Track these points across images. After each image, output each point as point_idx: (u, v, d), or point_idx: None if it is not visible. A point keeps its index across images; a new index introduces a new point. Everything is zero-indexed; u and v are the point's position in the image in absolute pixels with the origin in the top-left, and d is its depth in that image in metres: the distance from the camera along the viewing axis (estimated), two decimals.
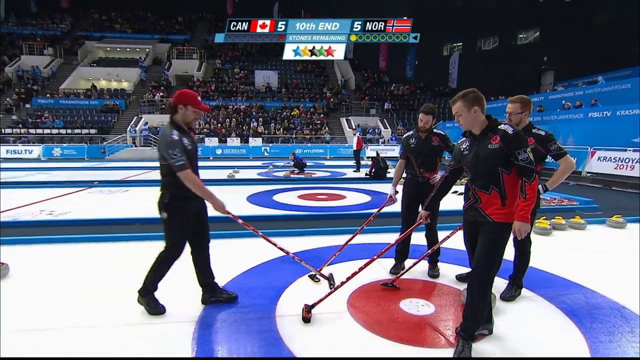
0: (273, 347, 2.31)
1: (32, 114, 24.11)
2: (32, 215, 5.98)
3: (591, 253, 4.33)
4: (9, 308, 2.80)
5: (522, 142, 2.13)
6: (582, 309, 2.84)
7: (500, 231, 2.18)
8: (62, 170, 13.44)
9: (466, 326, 2.21)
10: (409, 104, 29.08)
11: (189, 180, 2.52)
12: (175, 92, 2.71)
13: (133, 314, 2.71)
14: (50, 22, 35.62)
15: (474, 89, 2.30)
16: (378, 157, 11.20)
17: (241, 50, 35.17)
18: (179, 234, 2.70)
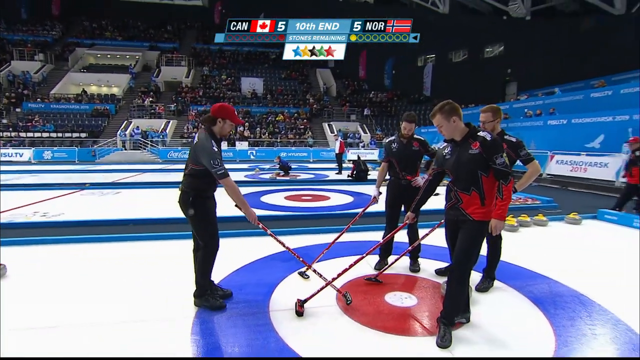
0: (269, 340, 2.32)
1: (23, 118, 23.19)
2: (26, 217, 5.77)
3: (553, 247, 4.51)
4: (8, 307, 2.71)
5: (499, 148, 2.22)
6: (547, 297, 2.96)
7: (479, 228, 2.27)
8: (53, 173, 13.00)
9: (447, 313, 2.29)
10: (387, 110, 29.43)
11: (230, 187, 2.61)
12: (215, 105, 2.72)
13: (130, 312, 2.67)
14: (41, 28, 34.32)
15: (449, 100, 2.36)
16: (359, 160, 11.28)
17: (228, 58, 34.84)
18: (210, 226, 2.73)
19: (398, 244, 3.76)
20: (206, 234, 2.72)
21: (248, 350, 2.21)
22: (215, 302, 2.73)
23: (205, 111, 26.17)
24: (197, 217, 2.67)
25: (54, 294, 2.96)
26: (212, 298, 2.75)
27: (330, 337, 2.37)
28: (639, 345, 2.29)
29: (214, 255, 2.76)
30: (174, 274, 3.39)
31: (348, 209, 6.78)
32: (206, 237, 2.71)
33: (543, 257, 4.01)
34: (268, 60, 35.57)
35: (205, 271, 2.76)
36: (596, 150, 10.97)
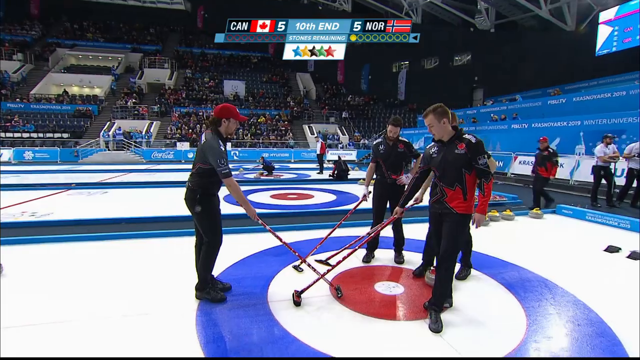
0: (272, 328, 2.38)
1: (1, 118, 21.94)
2: (14, 217, 5.54)
3: (520, 239, 4.79)
4: (10, 305, 2.64)
5: (482, 149, 2.38)
6: (517, 282, 3.17)
7: (462, 220, 2.42)
8: (36, 173, 12.42)
9: (437, 299, 2.43)
10: (364, 113, 29.77)
11: (232, 186, 2.61)
12: (217, 106, 2.73)
13: (131, 307, 2.65)
14: (19, 28, 32.52)
15: (441, 104, 2.50)
16: (340, 160, 11.42)
17: (210, 61, 34.25)
18: (215, 222, 2.75)
19: (383, 238, 3.89)
20: (210, 231, 2.74)
21: (252, 338, 2.26)
22: (217, 294, 2.75)
23: (187, 113, 25.67)
24: (203, 214, 2.69)
25: (54, 291, 2.90)
26: (213, 291, 2.77)
27: (328, 324, 2.46)
28: (595, 320, 2.51)
29: (217, 250, 2.78)
30: (170, 270, 3.39)
31: (332, 206, 6.88)
32: (210, 234, 2.73)
33: (512, 248, 4.25)
34: (250, 63, 35.24)
35: (208, 265, 2.78)
36: None
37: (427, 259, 3.29)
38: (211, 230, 2.74)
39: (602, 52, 17.02)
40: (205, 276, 2.77)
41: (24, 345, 2.16)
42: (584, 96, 13.25)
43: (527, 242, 4.65)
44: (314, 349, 2.15)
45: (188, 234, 4.41)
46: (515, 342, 2.24)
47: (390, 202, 3.59)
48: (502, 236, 4.88)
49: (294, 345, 2.19)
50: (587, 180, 8.95)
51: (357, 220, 4.87)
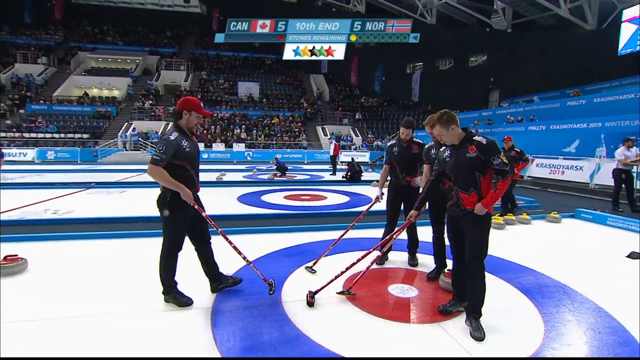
0: (285, 328, 2.39)
1: (26, 119, 22.74)
2: (37, 214, 5.74)
3: (537, 243, 4.67)
4: (32, 299, 2.74)
5: (495, 149, 2.31)
6: (534, 287, 3.10)
7: (483, 219, 2.36)
8: (58, 172, 12.82)
9: (474, 306, 2.36)
10: (378, 114, 29.64)
11: (155, 174, 2.45)
12: (180, 99, 2.66)
13: (149, 303, 2.71)
14: (44, 33, 33.72)
15: (446, 110, 2.46)
16: (353, 162, 11.40)
17: (225, 63, 34.68)
18: (178, 230, 2.66)
19: (397, 240, 3.84)
20: (173, 237, 2.65)
21: (267, 338, 2.28)
22: (182, 299, 2.68)
23: None
24: (170, 219, 2.59)
25: (73, 287, 2.99)
26: (179, 295, 2.69)
27: (341, 325, 2.46)
28: (617, 329, 2.43)
29: (175, 257, 2.68)
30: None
31: (345, 207, 6.88)
32: (171, 239, 2.64)
33: (528, 252, 4.16)
34: (264, 65, 35.54)
35: (169, 270, 2.67)
36: (572, 154, 11.29)
37: (440, 262, 3.26)
38: (173, 237, 2.65)
39: (625, 51, 16.51)
40: (168, 282, 2.68)
41: (42, 339, 2.23)
42: (605, 97, 12.87)
43: (545, 246, 4.54)
44: (327, 349, 2.16)
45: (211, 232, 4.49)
46: (532, 348, 2.19)
47: (404, 204, 3.57)
48: (519, 240, 4.78)
49: (307, 345, 2.20)
50: (608, 184, 8.68)
51: (370, 222, 4.86)
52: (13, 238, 4.20)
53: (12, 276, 3.16)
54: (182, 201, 2.56)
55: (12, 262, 3.27)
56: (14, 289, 2.91)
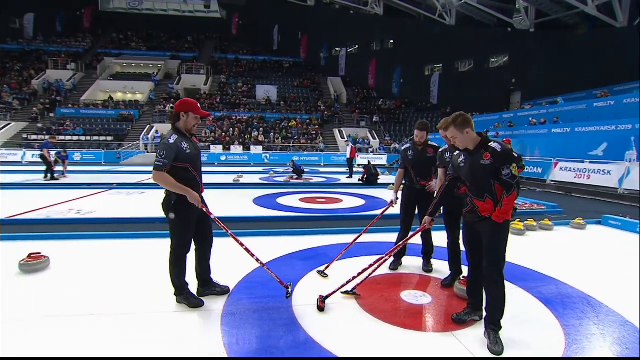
0: (294, 332, 2.37)
1: (56, 122, 23.80)
2: (62, 214, 5.95)
3: (559, 250, 4.48)
4: (54, 296, 2.83)
5: (508, 158, 2.18)
6: (555, 298, 2.96)
7: (500, 226, 2.24)
8: (83, 174, 13.29)
9: (492, 317, 2.26)
10: (395, 117, 29.36)
11: (160, 180, 2.46)
12: (178, 100, 2.65)
13: (163, 304, 2.74)
14: (73, 40, 35.33)
15: (461, 112, 2.36)
16: (369, 165, 11.30)
17: (244, 66, 35.21)
18: (185, 232, 2.66)
19: (412, 245, 3.78)
20: (180, 239, 2.66)
21: (275, 342, 2.26)
22: (194, 300, 2.71)
23: (221, 117, 26.52)
24: (176, 221, 2.60)
25: (93, 285, 3.06)
26: (191, 296, 2.72)
27: (351, 331, 2.42)
28: None
29: (181, 258, 2.70)
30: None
31: (360, 211, 6.81)
32: (178, 241, 2.66)
33: (550, 260, 3.99)
34: (282, 68, 35.87)
35: (178, 272, 2.70)
36: (599, 157, 10.81)
37: (455, 269, 3.16)
38: (179, 239, 2.66)
39: None
40: (179, 283, 2.71)
41: (56, 335, 2.29)
42: (636, 97, 12.26)
43: (568, 254, 4.35)
44: (336, 355, 2.12)
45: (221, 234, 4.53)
46: None
47: (419, 208, 3.49)
48: (539, 247, 4.59)
49: (315, 350, 2.17)
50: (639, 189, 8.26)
51: (385, 226, 4.78)
52: (39, 236, 4.38)
53: (34, 273, 3.28)
54: (187, 203, 2.56)
55: (35, 259, 3.39)
56: (34, 286, 3.02)
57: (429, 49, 28.59)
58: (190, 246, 2.72)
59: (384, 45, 33.23)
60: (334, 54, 35.52)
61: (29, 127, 23.30)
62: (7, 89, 26.56)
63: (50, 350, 2.13)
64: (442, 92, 27.88)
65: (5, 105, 24.65)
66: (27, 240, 4.23)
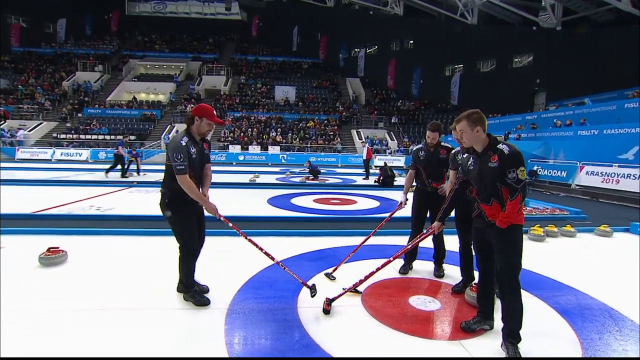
0: (296, 335, 2.34)
1: (83, 122, 24.79)
2: (83, 210, 6.16)
3: (581, 259, 4.26)
4: (69, 290, 2.91)
5: (515, 161, 2.08)
6: (574, 309, 2.80)
7: (511, 232, 2.13)
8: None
9: (510, 330, 2.14)
10: (414, 118, 28.94)
11: (185, 184, 2.50)
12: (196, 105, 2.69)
13: (171, 300, 2.78)
14: (101, 43, 36.79)
15: (478, 110, 2.27)
16: (386, 166, 11.15)
17: (263, 67, 35.59)
18: (186, 229, 2.67)
19: (423, 248, 3.69)
20: (182, 237, 2.67)
21: (276, 343, 2.24)
22: (200, 298, 2.72)
23: (240, 117, 26.87)
24: (173, 220, 2.62)
25: (107, 280, 3.13)
26: (197, 295, 2.74)
27: (355, 336, 2.36)
28: None
29: (190, 256, 2.72)
30: (209, 268, 3.48)
31: (374, 213, 6.72)
32: (181, 240, 2.68)
33: (570, 268, 3.80)
34: (301, 69, 36.03)
35: (187, 272, 2.73)
36: (629, 161, 10.27)
37: (467, 274, 3.05)
38: (182, 237, 2.67)
39: None
40: (187, 282, 2.74)
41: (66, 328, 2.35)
42: None
43: (590, 262, 4.12)
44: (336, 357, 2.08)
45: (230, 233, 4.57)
46: None
47: (431, 211, 3.40)
48: (560, 254, 4.37)
49: (316, 353, 2.13)
50: None
51: (396, 229, 4.70)
52: (59, 231, 4.54)
53: (52, 267, 3.40)
54: (182, 201, 2.56)
55: (54, 254, 3.51)
56: (50, 279, 3.12)
57: (449, 48, 28.04)
58: (197, 242, 2.75)
59: (404, 46, 32.83)
60: (353, 55, 35.39)
61: (58, 127, 24.36)
62: (40, 90, 27.88)
63: (55, 343, 2.18)
64: (463, 92, 27.29)
65: (38, 106, 25.86)
66: (49, 235, 4.39)
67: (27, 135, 22.48)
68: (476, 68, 27.53)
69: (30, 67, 31.13)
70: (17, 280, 3.09)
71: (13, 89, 27.77)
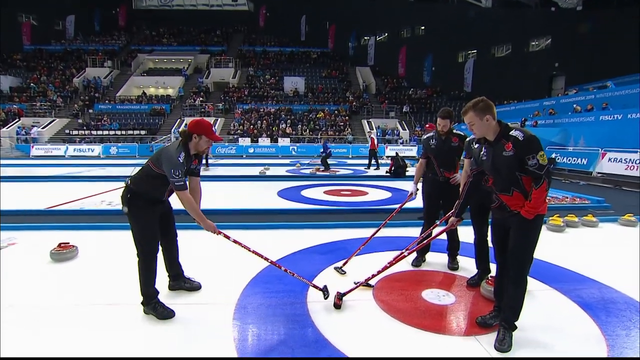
0: (306, 330, 2.31)
1: (94, 118, 25.21)
2: (94, 205, 6.24)
3: (604, 250, 4.09)
4: (79, 285, 2.93)
5: (532, 147, 1.97)
6: (597, 303, 2.69)
7: (530, 222, 2.05)
8: (118, 167, 13.95)
9: (506, 316, 2.13)
10: (426, 107, 28.45)
11: (185, 201, 2.40)
12: (192, 120, 2.54)
13: (179, 296, 2.77)
14: (109, 38, 37.14)
15: (483, 97, 2.16)
16: (397, 156, 11.01)
17: (272, 58, 35.41)
18: (146, 229, 2.48)
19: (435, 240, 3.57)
20: (138, 241, 2.48)
21: (285, 338, 2.21)
22: (164, 311, 2.48)
23: (249, 110, 26.88)
24: (130, 217, 2.46)
25: (117, 275, 3.14)
26: (160, 307, 2.49)
27: (367, 332, 2.31)
28: None
29: (149, 261, 2.50)
30: (216, 263, 3.48)
31: (386, 204, 6.62)
32: (138, 243, 2.49)
33: (593, 260, 3.65)
34: (310, 59, 35.72)
35: (147, 279, 2.50)
36: None
37: (483, 267, 2.96)
38: (140, 237, 2.48)
39: None
40: (147, 291, 2.50)
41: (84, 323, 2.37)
42: None
43: (614, 254, 3.95)
44: (347, 355, 2.03)
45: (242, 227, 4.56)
46: None
47: (442, 202, 3.30)
48: (581, 245, 4.22)
49: (327, 350, 2.09)
50: None
51: (408, 220, 4.61)
52: (71, 226, 4.63)
53: (63, 262, 3.44)
54: (142, 199, 2.45)
55: (64, 249, 3.55)
56: (60, 275, 3.16)
57: (462, 34, 27.35)
58: (156, 245, 2.58)
59: (415, 32, 32.17)
60: (363, 43, 34.88)
61: (70, 123, 24.85)
62: (52, 87, 28.40)
63: (65, 338, 2.20)
64: (477, 79, 26.66)
65: (50, 103, 26.38)
66: (61, 230, 4.46)
67: (41, 133, 23.00)
68: (490, 53, 26.81)
69: (41, 64, 31.70)
70: (28, 275, 3.14)
71: (26, 86, 28.37)
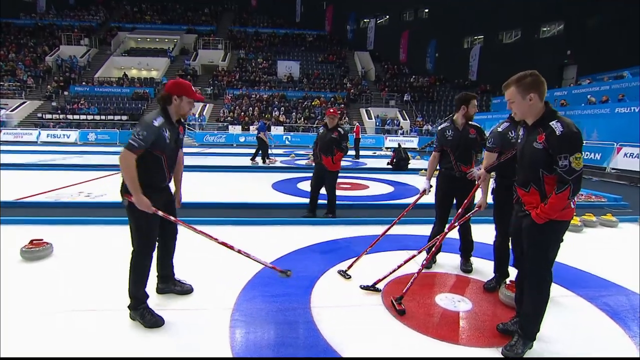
0: (311, 340, 2.22)
1: (70, 101, 24.62)
2: (71, 197, 6.07)
3: (627, 252, 4.06)
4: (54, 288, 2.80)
5: (568, 146, 1.80)
6: (626, 311, 2.64)
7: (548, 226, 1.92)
8: (97, 154, 13.69)
9: (524, 324, 2.05)
10: (429, 95, 28.37)
11: (124, 163, 2.18)
12: (169, 81, 2.45)
13: (168, 299, 2.67)
14: (86, 13, 36.17)
15: (534, 71, 1.95)
16: (400, 148, 10.94)
17: (264, 40, 34.92)
18: (147, 223, 2.37)
19: (447, 240, 3.51)
20: (137, 233, 2.39)
21: (289, 350, 2.11)
22: (152, 319, 2.35)
23: (240, 95, 26.54)
24: (129, 209, 2.34)
25: (97, 276, 3.02)
26: (148, 313, 2.36)
27: (376, 341, 2.22)
28: None
29: (145, 259, 2.41)
30: (214, 260, 3.36)
31: (388, 199, 6.56)
32: (136, 239, 2.40)
33: (615, 263, 3.62)
34: (305, 42, 35.31)
35: (139, 279, 2.39)
36: None
37: (501, 270, 2.89)
38: (140, 231, 2.38)
39: None
40: (137, 293, 2.38)
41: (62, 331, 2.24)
42: None
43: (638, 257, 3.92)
44: None
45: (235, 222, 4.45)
46: None
47: (457, 198, 3.22)
48: (601, 247, 4.19)
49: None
50: None
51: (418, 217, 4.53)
52: (44, 221, 4.44)
53: (36, 261, 3.28)
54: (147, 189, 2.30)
55: (37, 246, 3.38)
56: (33, 276, 3.01)
57: (468, 18, 27.19)
58: (154, 240, 2.50)
59: (418, 15, 31.91)
60: (362, 26, 34.52)
61: (43, 106, 24.26)
62: (22, 66, 27.63)
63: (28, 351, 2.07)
64: (483, 67, 26.61)
65: (20, 83, 25.71)
66: (32, 225, 4.29)
67: (10, 116, 22.43)
68: (498, 39, 26.72)
69: (9, 40, 30.64)
70: None
71: None
